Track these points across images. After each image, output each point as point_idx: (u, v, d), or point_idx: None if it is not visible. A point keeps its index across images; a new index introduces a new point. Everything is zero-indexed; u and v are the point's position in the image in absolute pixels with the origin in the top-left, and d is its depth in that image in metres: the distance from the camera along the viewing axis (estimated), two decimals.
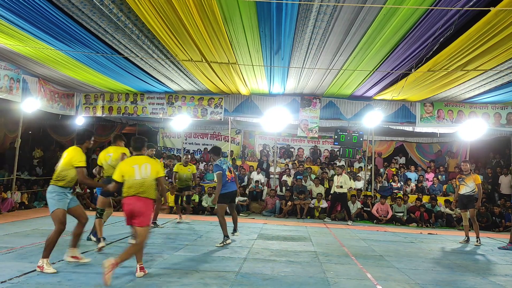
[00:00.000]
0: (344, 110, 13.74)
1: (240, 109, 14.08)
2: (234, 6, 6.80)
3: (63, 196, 5.50)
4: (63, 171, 5.52)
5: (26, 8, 7.11)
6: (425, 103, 13.41)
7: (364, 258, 7.20)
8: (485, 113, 13.06)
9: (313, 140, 17.70)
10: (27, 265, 5.65)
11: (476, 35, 7.35)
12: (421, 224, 12.56)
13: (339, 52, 8.85)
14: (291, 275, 5.73)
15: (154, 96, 14.39)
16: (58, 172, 5.53)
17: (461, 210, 9.93)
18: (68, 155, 5.59)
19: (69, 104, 14.38)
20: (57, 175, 5.53)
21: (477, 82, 10.53)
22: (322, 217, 12.98)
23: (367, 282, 5.58)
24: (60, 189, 5.50)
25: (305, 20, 7.18)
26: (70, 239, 5.96)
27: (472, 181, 9.52)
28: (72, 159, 5.51)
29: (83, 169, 5.50)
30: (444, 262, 7.35)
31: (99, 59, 10.14)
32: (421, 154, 17.89)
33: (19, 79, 11.35)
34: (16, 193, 12.21)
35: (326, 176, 14.66)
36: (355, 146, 14.51)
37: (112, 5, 6.86)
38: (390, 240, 9.49)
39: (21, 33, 8.36)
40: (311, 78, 11.37)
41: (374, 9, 6.65)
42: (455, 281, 5.96)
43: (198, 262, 6.31)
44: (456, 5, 6.24)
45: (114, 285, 4.86)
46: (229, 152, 16.35)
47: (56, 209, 5.41)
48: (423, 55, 8.59)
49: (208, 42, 8.49)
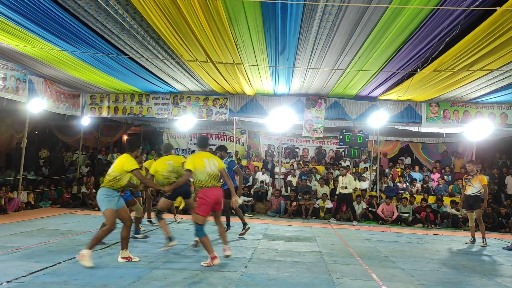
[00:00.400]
0: (349, 110, 13.71)
1: (245, 110, 14.08)
2: (239, 7, 6.80)
3: (111, 197, 5.87)
4: (114, 176, 5.90)
5: (32, 9, 7.15)
6: (431, 103, 13.35)
7: (369, 258, 7.19)
8: (491, 113, 12.98)
9: (318, 141, 17.67)
10: (33, 264, 5.68)
11: (482, 34, 7.31)
12: (426, 224, 12.51)
13: (344, 52, 8.83)
14: (296, 276, 5.73)
15: (160, 96, 14.44)
16: (109, 176, 5.92)
17: (467, 211, 9.89)
18: (119, 162, 5.99)
19: (75, 105, 14.45)
20: (108, 179, 5.93)
21: (483, 82, 10.47)
22: (327, 217, 12.96)
23: (372, 283, 5.57)
24: (109, 191, 5.88)
25: (310, 20, 7.18)
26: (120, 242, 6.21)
27: (478, 181, 9.47)
28: (124, 165, 5.91)
29: (137, 170, 5.99)
30: (450, 263, 7.32)
31: (104, 60, 10.19)
32: (426, 154, 17.81)
33: (25, 80, 11.41)
34: (22, 193, 12.27)
35: (331, 176, 14.63)
36: (360, 146, 14.48)
37: (117, 6, 6.88)
38: (395, 241, 9.46)
39: (28, 34, 8.41)
40: (316, 78, 11.36)
41: (379, 9, 6.64)
42: (461, 282, 5.93)
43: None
44: (462, 5, 6.21)
45: (119, 285, 4.88)
46: (234, 152, 16.37)
47: (106, 209, 5.80)
48: (428, 55, 8.56)
49: (213, 42, 8.50)
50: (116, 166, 5.94)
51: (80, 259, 5.64)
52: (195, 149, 17.52)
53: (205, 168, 6.11)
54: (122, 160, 6.00)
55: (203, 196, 6.09)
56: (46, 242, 7.30)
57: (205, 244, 6.08)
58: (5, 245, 6.87)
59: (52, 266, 5.64)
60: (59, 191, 14.22)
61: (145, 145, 18.82)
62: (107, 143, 19.03)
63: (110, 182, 5.89)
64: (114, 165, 5.98)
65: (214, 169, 6.22)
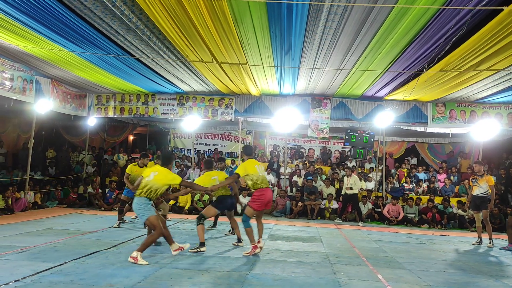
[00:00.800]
0: (355, 111, 13.68)
1: (251, 110, 14.10)
2: (244, 7, 6.81)
3: (149, 206, 6.23)
4: (155, 188, 6.20)
5: (39, 10, 7.20)
6: (437, 103, 13.29)
7: (375, 259, 7.16)
8: (498, 113, 12.91)
9: (323, 141, 17.64)
10: (40, 264, 5.71)
11: (488, 34, 7.27)
12: (433, 225, 12.44)
13: (350, 52, 8.82)
14: (302, 276, 5.73)
15: (165, 97, 14.49)
16: (148, 187, 6.20)
17: (474, 211, 9.84)
18: (162, 176, 6.26)
19: (81, 105, 14.53)
20: (145, 190, 6.20)
21: (490, 82, 10.42)
22: (333, 218, 12.93)
23: (378, 284, 5.55)
24: (145, 200, 6.19)
25: (315, 20, 7.17)
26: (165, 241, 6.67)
27: (485, 182, 9.42)
28: (170, 180, 6.29)
29: (183, 181, 6.57)
30: (456, 263, 7.28)
31: (110, 60, 10.24)
32: (433, 154, 17.73)
33: (32, 80, 11.49)
34: (29, 193, 12.35)
35: (337, 176, 14.60)
36: (366, 146, 14.43)
37: (123, 7, 6.91)
38: (401, 242, 9.42)
39: (34, 34, 8.47)
40: (322, 78, 11.34)
41: (385, 9, 6.62)
42: (468, 283, 5.89)
43: (209, 262, 6.33)
44: (469, 5, 6.18)
45: (125, 285, 4.90)
46: (239, 153, 16.37)
47: (150, 217, 6.14)
48: (435, 55, 8.52)
49: (219, 43, 8.52)
50: (158, 180, 6.21)
51: (135, 262, 5.90)
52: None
53: (257, 173, 7.00)
54: (164, 174, 6.29)
55: (260, 194, 6.98)
56: (52, 242, 7.34)
57: (248, 234, 6.89)
58: (12, 245, 6.92)
59: (58, 266, 5.66)
60: (66, 191, 14.29)
61: (150, 146, 18.91)
62: (113, 143, 19.11)
63: (147, 192, 6.18)
64: (155, 178, 6.21)
65: (264, 173, 7.23)
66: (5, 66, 10.34)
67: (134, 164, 9.70)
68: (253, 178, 6.98)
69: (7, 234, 7.99)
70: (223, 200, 7.52)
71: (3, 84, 10.32)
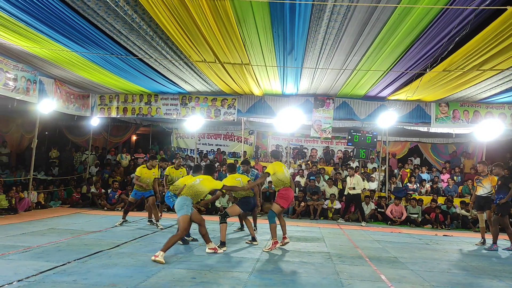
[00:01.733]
0: (357, 111, 13.66)
1: (253, 110, 14.10)
2: (247, 7, 6.81)
3: (189, 205, 6.70)
4: (199, 190, 6.87)
5: (42, 10, 7.22)
6: (440, 103, 13.26)
7: (378, 259, 7.15)
8: (502, 113, 12.86)
9: (326, 141, 17.62)
10: (43, 263, 5.73)
11: (492, 34, 7.24)
12: (436, 225, 12.41)
13: (352, 52, 8.81)
14: (304, 276, 5.72)
15: (168, 97, 14.51)
16: (191, 189, 6.84)
17: (477, 212, 9.81)
18: (206, 181, 6.99)
19: (85, 105, 14.56)
20: (190, 191, 6.82)
21: (493, 82, 10.38)
22: (336, 218, 12.92)
23: (381, 284, 5.54)
24: (188, 200, 6.73)
25: (318, 20, 7.16)
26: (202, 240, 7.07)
27: (489, 182, 9.38)
28: (214, 186, 7.08)
29: (224, 186, 7.23)
30: (459, 264, 7.25)
31: (113, 61, 10.26)
32: (436, 154, 17.69)
33: (35, 81, 11.53)
34: (32, 193, 12.39)
35: (340, 176, 14.58)
36: (368, 146, 14.41)
37: (126, 7, 6.92)
38: (404, 242, 9.40)
39: (38, 35, 8.50)
40: (325, 78, 11.33)
41: (388, 9, 6.61)
42: (471, 283, 5.87)
43: (212, 262, 6.34)
44: (472, 4, 6.16)
45: (128, 285, 4.91)
46: (242, 153, 16.39)
47: (183, 215, 6.57)
48: (438, 55, 8.49)
49: (222, 43, 8.52)
50: (204, 184, 6.92)
51: (154, 258, 6.13)
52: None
53: (284, 173, 7.69)
54: (209, 180, 7.04)
55: (286, 192, 7.66)
56: (56, 242, 7.36)
57: (272, 230, 7.55)
58: (15, 245, 6.94)
59: (62, 266, 5.68)
60: (69, 191, 14.34)
61: (153, 146, 18.95)
62: (116, 143, 19.18)
63: (191, 194, 6.80)
64: (201, 183, 6.90)
65: (288, 174, 7.86)
66: (8, 66, 10.38)
67: (143, 166, 9.96)
68: (279, 177, 7.65)
69: (11, 233, 8.03)
70: (247, 200, 7.96)
71: (7, 85, 10.36)
